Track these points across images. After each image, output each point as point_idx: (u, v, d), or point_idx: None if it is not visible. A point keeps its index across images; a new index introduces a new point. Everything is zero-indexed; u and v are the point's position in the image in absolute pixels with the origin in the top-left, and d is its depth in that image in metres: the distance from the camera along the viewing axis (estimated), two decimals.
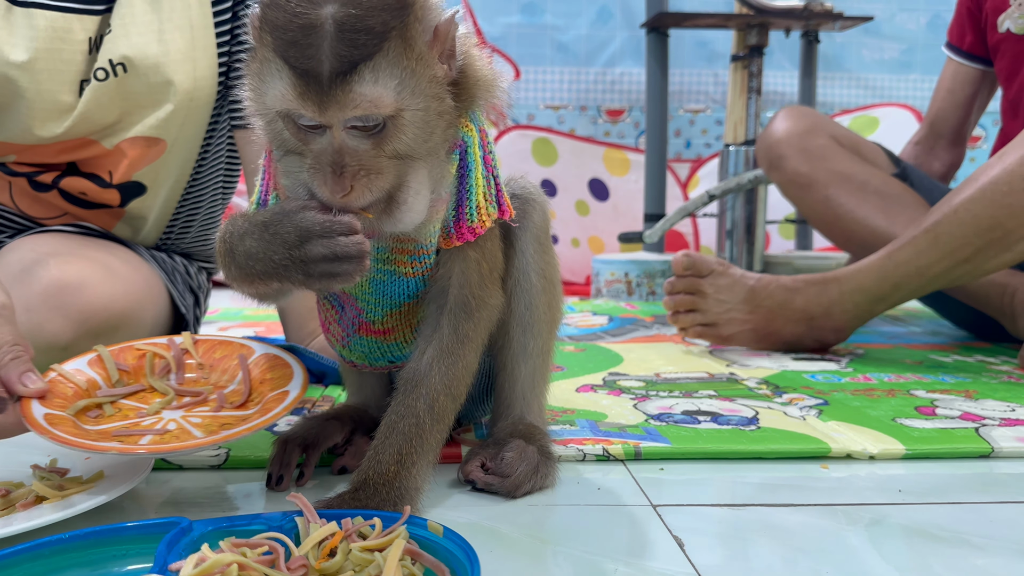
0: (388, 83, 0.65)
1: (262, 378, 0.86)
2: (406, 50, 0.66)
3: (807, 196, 1.81)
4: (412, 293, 0.82)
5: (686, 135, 3.47)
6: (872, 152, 1.85)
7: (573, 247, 3.31)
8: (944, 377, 1.38)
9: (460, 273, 0.80)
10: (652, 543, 0.71)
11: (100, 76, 1.18)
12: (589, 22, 3.46)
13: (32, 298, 1.08)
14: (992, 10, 1.80)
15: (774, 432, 1.01)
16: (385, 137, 0.67)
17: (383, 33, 0.64)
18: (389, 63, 0.65)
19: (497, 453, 0.82)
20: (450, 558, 0.59)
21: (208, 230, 1.48)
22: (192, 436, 0.76)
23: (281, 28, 0.65)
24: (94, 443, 0.72)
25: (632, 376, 1.36)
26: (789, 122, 1.86)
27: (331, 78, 0.64)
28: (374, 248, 0.78)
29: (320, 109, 0.65)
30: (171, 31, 1.19)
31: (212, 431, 0.77)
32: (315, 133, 0.68)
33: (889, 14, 3.44)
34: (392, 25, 0.65)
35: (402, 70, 0.66)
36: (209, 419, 0.81)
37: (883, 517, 0.77)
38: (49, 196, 1.28)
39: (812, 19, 2.63)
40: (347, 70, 0.64)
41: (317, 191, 0.69)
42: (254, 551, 0.59)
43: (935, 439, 0.99)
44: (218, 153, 1.38)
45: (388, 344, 0.86)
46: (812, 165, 1.79)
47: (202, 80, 1.22)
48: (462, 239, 0.79)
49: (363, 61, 0.64)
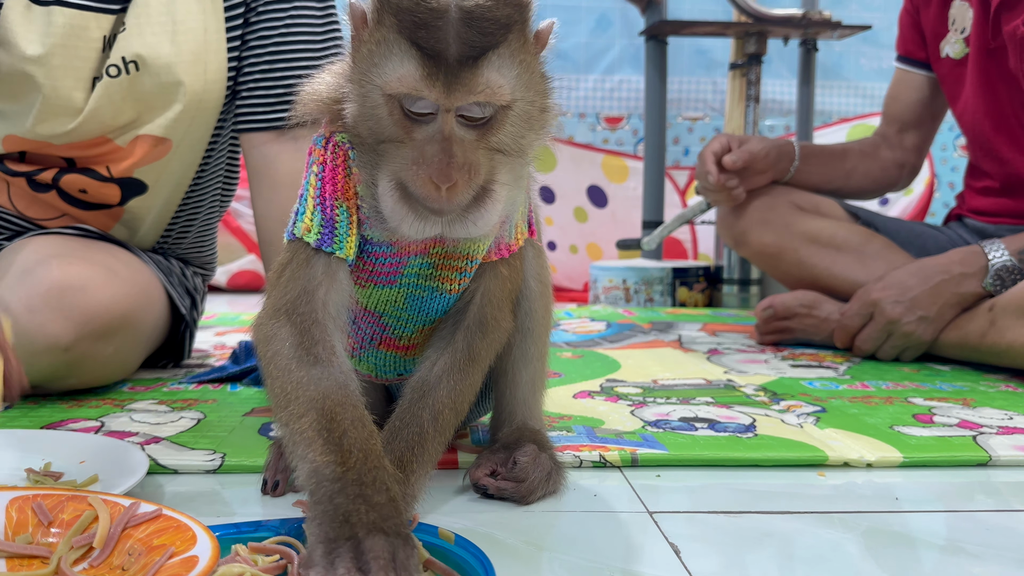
0: (509, 73, 0.67)
1: (148, 543, 0.62)
2: (524, 44, 0.69)
3: (780, 264, 1.83)
4: (446, 309, 0.82)
5: (684, 142, 3.48)
6: (831, 208, 1.87)
7: (571, 254, 3.31)
8: (942, 385, 1.37)
9: (486, 290, 0.80)
10: (648, 550, 0.70)
11: (112, 73, 1.19)
12: (588, 30, 3.47)
13: (34, 299, 1.08)
14: (932, 37, 1.82)
15: (771, 439, 1.01)
16: (490, 129, 0.68)
17: (508, 25, 0.67)
18: (511, 54, 0.67)
19: (508, 458, 0.81)
20: (464, 565, 0.59)
21: (205, 235, 1.48)
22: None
23: (407, 11, 0.65)
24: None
25: (629, 382, 1.36)
26: (749, 199, 1.87)
27: (460, 61, 0.65)
28: (417, 265, 0.78)
29: (447, 91, 0.65)
30: (184, 32, 1.20)
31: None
32: (422, 121, 0.68)
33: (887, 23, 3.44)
34: (515, 18, 0.67)
35: (519, 63, 0.68)
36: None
37: (880, 525, 0.77)
38: (48, 196, 1.28)
39: (810, 27, 2.63)
40: (476, 55, 0.65)
41: (414, 184, 0.67)
42: (267, 558, 0.59)
43: (933, 447, 0.99)
44: (220, 157, 1.38)
45: (407, 359, 0.86)
46: (777, 233, 1.81)
47: (212, 83, 1.23)
48: (499, 255, 0.80)
49: (491, 48, 0.66)
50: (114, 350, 1.17)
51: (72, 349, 1.10)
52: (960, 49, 1.73)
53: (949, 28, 1.76)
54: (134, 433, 1.01)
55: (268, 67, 1.25)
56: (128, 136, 1.24)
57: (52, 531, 0.64)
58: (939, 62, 1.81)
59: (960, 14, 1.73)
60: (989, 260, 1.53)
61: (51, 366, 1.11)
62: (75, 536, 0.62)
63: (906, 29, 1.90)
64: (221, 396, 1.22)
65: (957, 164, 3.51)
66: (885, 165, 1.94)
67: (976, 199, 1.81)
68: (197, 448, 0.95)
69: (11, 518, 0.65)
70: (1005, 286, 1.51)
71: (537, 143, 0.74)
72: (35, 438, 0.91)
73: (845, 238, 1.77)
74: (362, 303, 0.82)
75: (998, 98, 1.68)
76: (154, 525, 0.63)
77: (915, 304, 1.55)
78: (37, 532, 0.64)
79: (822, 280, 1.76)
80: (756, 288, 2.62)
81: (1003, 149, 1.70)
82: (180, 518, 0.62)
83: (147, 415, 1.10)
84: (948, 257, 1.58)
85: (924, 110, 1.92)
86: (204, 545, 0.59)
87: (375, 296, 0.81)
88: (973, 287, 1.53)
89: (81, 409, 1.13)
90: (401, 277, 0.79)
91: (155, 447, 0.95)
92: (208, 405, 1.16)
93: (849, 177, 1.92)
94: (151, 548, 0.60)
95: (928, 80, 1.89)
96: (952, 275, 1.55)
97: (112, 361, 1.19)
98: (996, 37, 1.64)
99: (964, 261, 1.55)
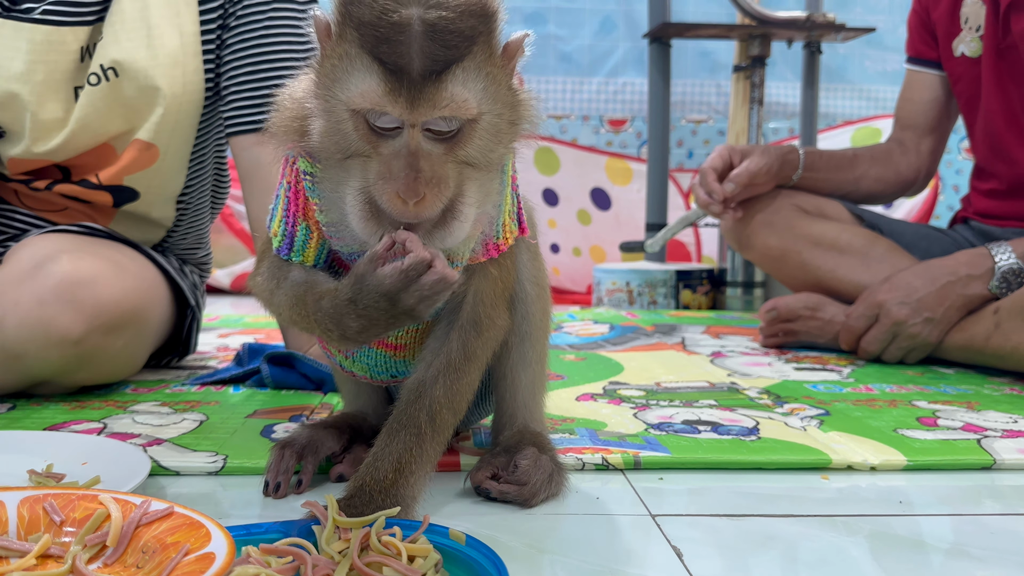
0: (475, 86, 0.66)
1: (162, 540, 0.62)
2: (489, 57, 0.67)
3: (784, 267, 1.83)
4: (434, 311, 0.82)
5: (688, 145, 3.48)
6: (836, 211, 1.86)
7: (575, 256, 3.31)
8: (946, 388, 1.37)
9: (477, 290, 0.80)
10: (651, 553, 0.70)
11: (92, 81, 1.21)
12: (592, 32, 3.47)
13: (45, 292, 1.09)
14: (944, 36, 1.81)
15: (774, 442, 1.00)
16: (457, 143, 0.67)
17: (472, 37, 0.65)
18: (476, 67, 0.66)
19: (509, 462, 0.81)
20: (476, 567, 0.59)
21: (200, 237, 1.49)
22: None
23: (370, 25, 0.65)
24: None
25: (632, 385, 1.36)
26: (753, 203, 1.87)
27: (423, 76, 0.64)
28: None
29: (410, 107, 0.65)
30: (160, 36, 1.21)
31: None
32: (388, 136, 0.67)
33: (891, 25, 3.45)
34: (480, 30, 0.66)
35: (485, 76, 0.67)
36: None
37: (884, 529, 0.76)
38: (48, 195, 1.30)
39: (814, 30, 2.63)
40: (439, 70, 0.64)
41: (382, 199, 0.67)
42: (280, 560, 0.59)
43: (937, 450, 0.98)
44: (208, 159, 1.39)
45: (397, 360, 0.86)
46: (781, 236, 1.81)
47: (191, 85, 1.24)
48: (487, 256, 0.80)
49: (455, 62, 0.65)
50: (123, 344, 1.18)
51: (82, 342, 1.11)
52: (977, 47, 1.72)
53: (962, 27, 1.75)
54: (136, 435, 1.01)
55: (251, 68, 1.25)
56: (125, 142, 1.25)
57: (65, 530, 0.64)
58: (952, 61, 1.80)
59: (974, 12, 1.72)
60: (996, 263, 1.52)
61: (61, 359, 1.11)
62: (88, 535, 0.62)
63: (915, 30, 1.90)
64: (223, 398, 1.22)
65: (962, 167, 3.51)
66: (899, 170, 1.93)
67: (982, 201, 1.81)
68: (199, 450, 0.95)
69: (23, 518, 0.65)
70: (1011, 289, 1.50)
71: (506, 156, 0.74)
72: (38, 440, 0.92)
73: (849, 241, 1.76)
74: None
75: (1009, 97, 1.67)
76: (167, 523, 0.62)
77: (921, 305, 1.54)
78: (49, 531, 0.64)
79: (826, 283, 1.76)
80: (760, 291, 2.62)
81: (1013, 149, 1.70)
82: (193, 515, 0.62)
83: (149, 417, 1.10)
84: (955, 259, 1.57)
85: (939, 111, 1.91)
86: (219, 542, 0.58)
87: None
88: (979, 289, 1.53)
89: (84, 411, 1.13)
90: None
91: (157, 449, 0.95)
92: (210, 407, 1.16)
93: (858, 183, 1.90)
94: (165, 546, 0.60)
95: (941, 80, 1.88)
96: (959, 277, 1.54)
97: (121, 355, 1.20)
98: (1007, 36, 1.64)
99: (971, 263, 1.55)
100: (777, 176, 1.83)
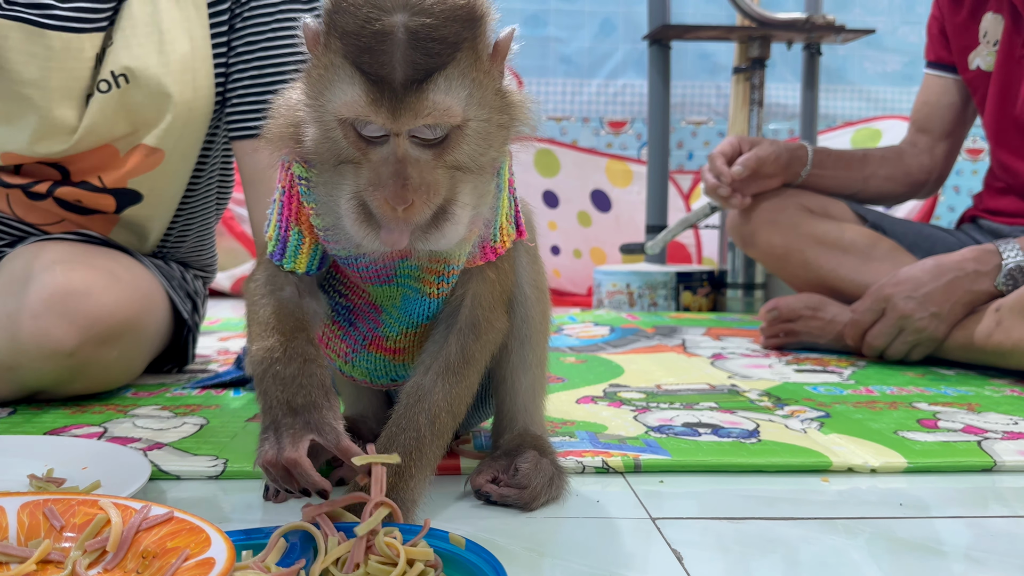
0: (459, 93, 0.66)
1: (162, 545, 0.62)
2: (475, 62, 0.67)
3: (787, 265, 1.83)
4: (431, 314, 0.83)
5: (688, 147, 3.48)
6: (840, 211, 1.86)
7: (575, 258, 3.31)
8: (947, 390, 1.37)
9: (475, 293, 0.80)
10: (651, 557, 0.70)
11: (103, 88, 1.19)
12: (592, 34, 3.47)
13: (38, 304, 1.09)
14: (958, 49, 1.82)
15: (775, 445, 1.00)
16: (446, 148, 0.67)
17: (456, 43, 0.65)
18: (460, 73, 0.66)
19: (510, 465, 0.81)
20: (475, 571, 0.59)
21: (203, 239, 1.48)
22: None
23: (352, 34, 0.65)
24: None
25: (633, 387, 1.36)
26: (758, 201, 1.87)
27: (405, 85, 0.64)
28: (408, 265, 0.79)
29: (393, 116, 0.65)
30: (171, 42, 1.20)
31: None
32: (376, 143, 0.67)
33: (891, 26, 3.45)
34: (464, 36, 0.66)
35: (471, 81, 0.67)
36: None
37: (884, 531, 0.76)
38: (45, 204, 1.28)
39: (814, 31, 2.63)
40: (422, 78, 0.64)
41: (374, 204, 0.67)
42: (280, 569, 0.60)
43: (937, 452, 0.98)
44: (214, 164, 1.39)
45: (396, 364, 0.87)
46: (784, 235, 1.81)
47: (201, 90, 1.23)
48: (484, 259, 0.80)
49: (438, 70, 0.64)
50: (118, 355, 1.17)
51: (76, 354, 1.10)
52: (992, 62, 1.74)
53: (980, 41, 1.76)
54: (137, 439, 1.01)
55: (257, 73, 1.25)
56: (128, 144, 1.24)
57: (65, 535, 0.64)
58: (967, 73, 1.81)
59: (993, 27, 1.73)
60: (1003, 259, 1.52)
61: (55, 371, 1.11)
62: (88, 540, 0.62)
63: (935, 35, 1.90)
64: (224, 402, 1.22)
65: (962, 167, 3.51)
66: (910, 171, 1.93)
67: (995, 199, 1.81)
68: (199, 454, 0.95)
69: (22, 523, 0.65)
70: (1017, 286, 1.50)
71: (498, 160, 0.74)
72: (38, 444, 0.92)
73: (852, 240, 1.76)
74: (369, 297, 0.83)
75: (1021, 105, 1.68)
76: (167, 528, 0.62)
77: (928, 300, 1.54)
78: (49, 537, 0.63)
79: (828, 282, 1.76)
80: (760, 292, 2.62)
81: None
82: (193, 520, 0.62)
83: (150, 421, 1.10)
84: (962, 255, 1.57)
85: (955, 116, 1.91)
86: (219, 547, 0.58)
87: (375, 292, 0.82)
88: (986, 285, 1.53)
89: (84, 415, 1.13)
90: (396, 277, 0.80)
91: (157, 453, 0.95)
92: (211, 411, 1.16)
93: (867, 182, 1.90)
94: (165, 551, 0.60)
95: (959, 84, 1.88)
96: (966, 272, 1.54)
97: (116, 366, 1.19)
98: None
99: (978, 259, 1.54)
100: (786, 169, 1.83)
